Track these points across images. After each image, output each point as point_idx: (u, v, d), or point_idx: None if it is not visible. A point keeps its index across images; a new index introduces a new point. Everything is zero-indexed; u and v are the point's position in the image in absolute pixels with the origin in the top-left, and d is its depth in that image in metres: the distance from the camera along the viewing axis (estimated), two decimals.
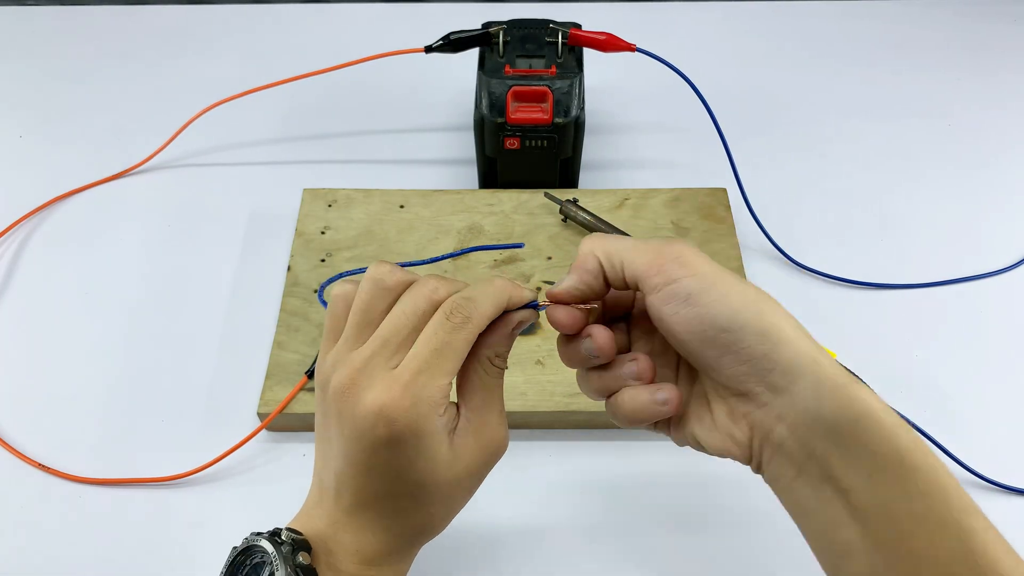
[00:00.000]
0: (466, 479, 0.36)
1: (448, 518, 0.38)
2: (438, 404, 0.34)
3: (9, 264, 0.67)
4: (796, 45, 0.87)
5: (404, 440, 0.34)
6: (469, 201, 0.67)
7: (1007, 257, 0.67)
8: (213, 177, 0.73)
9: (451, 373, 0.35)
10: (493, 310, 0.36)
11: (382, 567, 0.37)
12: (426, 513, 0.36)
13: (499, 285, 0.36)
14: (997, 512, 0.52)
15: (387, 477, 0.35)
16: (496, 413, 0.37)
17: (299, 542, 0.35)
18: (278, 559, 0.34)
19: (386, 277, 0.36)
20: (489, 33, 0.65)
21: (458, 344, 0.35)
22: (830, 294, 0.65)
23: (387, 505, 0.36)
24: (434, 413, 0.34)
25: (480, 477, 0.37)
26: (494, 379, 0.37)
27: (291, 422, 0.55)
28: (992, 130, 0.78)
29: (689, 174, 0.73)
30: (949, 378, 0.59)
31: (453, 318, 0.35)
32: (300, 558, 0.34)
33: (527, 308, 0.37)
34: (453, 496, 0.37)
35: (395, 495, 0.35)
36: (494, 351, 0.37)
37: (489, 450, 0.37)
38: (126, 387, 0.59)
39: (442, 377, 0.34)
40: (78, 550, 0.51)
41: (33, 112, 0.80)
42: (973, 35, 0.88)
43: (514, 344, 0.55)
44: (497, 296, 0.36)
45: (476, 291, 0.36)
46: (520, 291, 0.37)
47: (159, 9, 0.91)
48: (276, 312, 0.61)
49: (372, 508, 0.36)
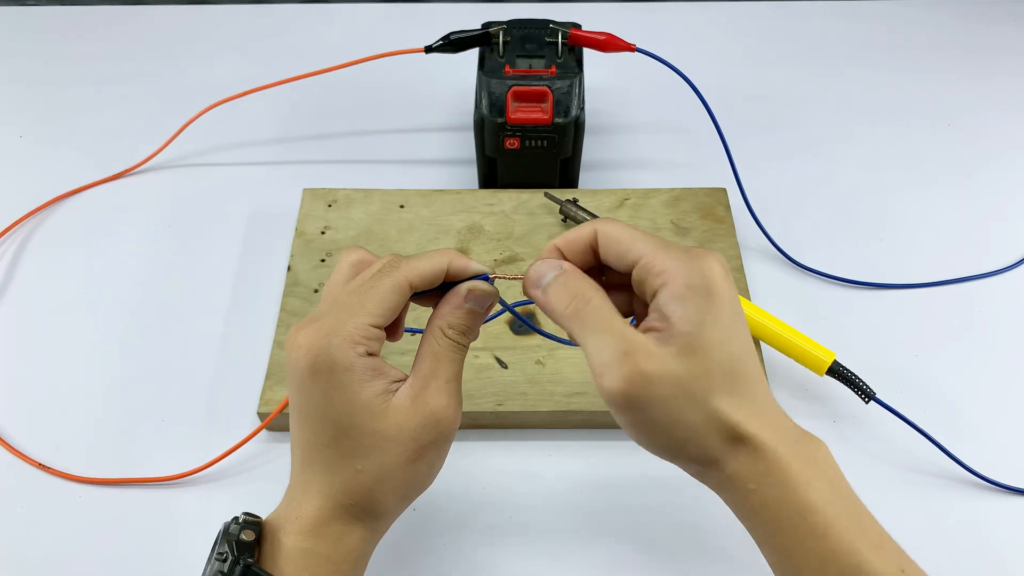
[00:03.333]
0: (395, 441, 0.36)
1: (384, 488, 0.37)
2: (355, 341, 0.35)
3: (9, 264, 0.67)
4: (796, 45, 0.87)
5: (319, 371, 0.35)
6: (469, 201, 0.67)
7: (1007, 257, 0.67)
8: (213, 177, 0.73)
9: (372, 315, 0.36)
10: (428, 266, 0.37)
11: (319, 538, 0.37)
12: (353, 470, 0.36)
13: (440, 250, 0.38)
14: (997, 512, 0.53)
15: (312, 419, 0.36)
16: (440, 382, 0.37)
17: (250, 523, 0.37)
18: (221, 536, 0.36)
19: (352, 252, 0.39)
20: (489, 33, 0.65)
21: (381, 288, 0.36)
22: (830, 294, 0.65)
23: (317, 458, 0.37)
24: (349, 347, 0.35)
25: (417, 448, 0.37)
26: (445, 350, 0.38)
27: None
28: (992, 130, 0.78)
29: (689, 174, 0.73)
30: (949, 378, 0.59)
31: (384, 268, 0.37)
32: (243, 535, 0.36)
33: (477, 279, 0.39)
34: (382, 458, 0.36)
35: (322, 444, 0.36)
36: (446, 321, 0.38)
37: (425, 417, 0.36)
38: (126, 387, 0.59)
39: (362, 316, 0.36)
40: (78, 550, 0.51)
41: (33, 112, 0.80)
42: (973, 35, 0.88)
43: (514, 344, 0.55)
44: (434, 257, 0.38)
45: (418, 254, 0.38)
46: (467, 262, 0.38)
47: (159, 9, 0.91)
48: (276, 312, 0.61)
49: (308, 466, 0.37)
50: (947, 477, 0.54)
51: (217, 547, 0.36)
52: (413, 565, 0.50)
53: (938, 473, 0.54)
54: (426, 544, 0.51)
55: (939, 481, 0.54)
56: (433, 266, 0.38)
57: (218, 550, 0.36)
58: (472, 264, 0.39)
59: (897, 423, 0.54)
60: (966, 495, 0.53)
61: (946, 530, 0.52)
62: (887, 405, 0.54)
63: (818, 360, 0.55)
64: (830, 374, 0.55)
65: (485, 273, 0.39)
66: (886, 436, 0.56)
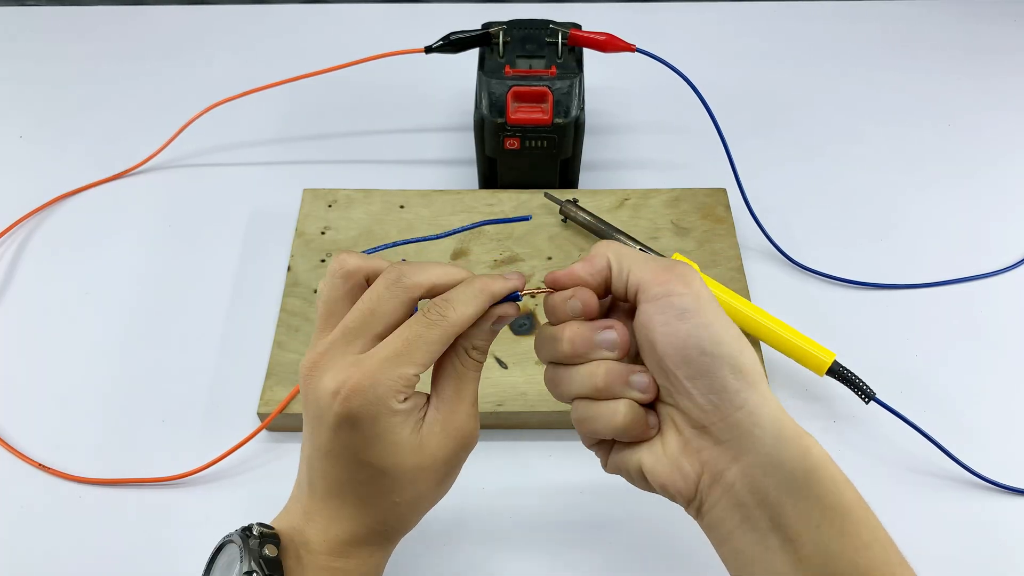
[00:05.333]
0: (431, 470, 0.36)
1: (416, 511, 0.38)
2: (398, 391, 0.34)
3: (9, 264, 0.67)
4: (796, 45, 0.87)
5: (360, 421, 0.34)
6: (469, 201, 0.67)
7: (1007, 257, 0.67)
8: (213, 177, 0.73)
9: (420, 365, 0.35)
10: (473, 310, 0.36)
11: (349, 559, 0.37)
12: (391, 503, 0.36)
13: (479, 286, 0.36)
14: (997, 512, 0.53)
15: (347, 460, 0.35)
16: (466, 404, 0.37)
17: (268, 536, 0.36)
18: (244, 553, 0.35)
19: (344, 263, 0.37)
20: (489, 33, 0.65)
21: (431, 338, 0.35)
22: (830, 294, 0.65)
23: (351, 492, 0.36)
24: (393, 398, 0.34)
25: (448, 470, 0.37)
26: (468, 370, 0.37)
27: (291, 422, 0.55)
28: (992, 130, 0.78)
29: (689, 174, 0.73)
30: (949, 378, 0.59)
31: (430, 315, 0.35)
32: (266, 551, 0.35)
33: (507, 301, 0.37)
34: (418, 487, 0.36)
35: (357, 481, 0.36)
36: (471, 343, 0.37)
37: (457, 441, 0.36)
38: (126, 387, 0.59)
39: (409, 367, 0.34)
40: (78, 550, 0.51)
41: (33, 112, 0.80)
42: (973, 35, 0.88)
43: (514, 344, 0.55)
44: (477, 297, 0.36)
45: (456, 293, 0.36)
46: (499, 283, 0.37)
47: (159, 9, 0.91)
48: (276, 312, 0.61)
49: (337, 496, 0.36)
50: (947, 477, 0.54)
51: (242, 564, 0.35)
52: (413, 565, 0.50)
53: (938, 473, 0.54)
54: (426, 544, 0.51)
55: (939, 481, 0.54)
56: (478, 311, 0.36)
57: (244, 569, 0.35)
58: (506, 287, 0.37)
59: (897, 423, 0.54)
60: (966, 495, 0.53)
61: (946, 530, 0.52)
62: (887, 405, 0.54)
63: (818, 360, 0.55)
64: (830, 374, 0.55)
65: (515, 292, 0.37)
66: (886, 436, 0.56)
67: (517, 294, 0.37)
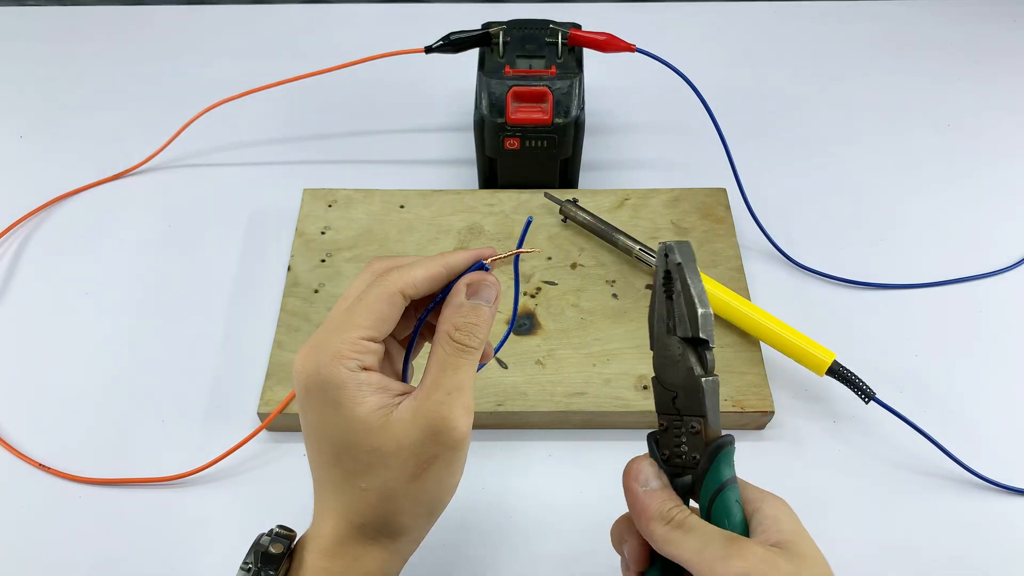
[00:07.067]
0: (394, 457, 0.34)
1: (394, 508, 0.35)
2: (344, 355, 0.34)
3: (9, 264, 0.67)
4: (796, 46, 0.87)
5: (311, 389, 0.35)
6: (469, 201, 0.67)
7: (1007, 257, 0.67)
8: (213, 177, 0.73)
9: (362, 327, 0.35)
10: (421, 271, 0.36)
11: (335, 559, 0.36)
12: (358, 489, 0.35)
13: (436, 256, 0.37)
14: (997, 512, 0.53)
15: (314, 438, 0.36)
16: (442, 392, 0.34)
17: (280, 536, 0.37)
18: (250, 550, 0.36)
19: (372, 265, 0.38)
20: (489, 33, 0.65)
21: (370, 298, 0.35)
22: (830, 294, 0.65)
23: (324, 476, 0.36)
24: (338, 364, 0.34)
25: (418, 463, 0.34)
26: (450, 356, 0.35)
27: (291, 422, 0.55)
28: (992, 130, 0.78)
29: (689, 174, 0.73)
30: (949, 378, 0.59)
31: (372, 277, 0.36)
32: (271, 548, 0.36)
33: (473, 270, 0.36)
34: (382, 475, 0.34)
35: (325, 461, 0.36)
36: (451, 323, 0.35)
37: (424, 430, 0.34)
38: (126, 387, 0.59)
39: (351, 330, 0.34)
40: (78, 550, 0.51)
41: (33, 112, 0.80)
42: (973, 35, 0.88)
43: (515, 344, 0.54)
44: (428, 262, 0.36)
45: (410, 259, 0.37)
46: (463, 255, 0.37)
47: (159, 9, 0.91)
48: (276, 312, 0.61)
49: (317, 483, 0.37)
50: (947, 477, 0.54)
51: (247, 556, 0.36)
52: (412, 565, 0.50)
53: (938, 473, 0.54)
54: (425, 544, 0.51)
55: (939, 481, 0.54)
56: (426, 271, 0.36)
57: (245, 559, 0.35)
58: (466, 254, 0.37)
59: (897, 423, 0.54)
60: (966, 495, 0.54)
61: (946, 530, 0.52)
62: (887, 405, 0.54)
63: (818, 360, 0.55)
64: (830, 374, 0.55)
65: (480, 261, 0.37)
66: (886, 436, 0.56)
67: (482, 263, 0.37)
